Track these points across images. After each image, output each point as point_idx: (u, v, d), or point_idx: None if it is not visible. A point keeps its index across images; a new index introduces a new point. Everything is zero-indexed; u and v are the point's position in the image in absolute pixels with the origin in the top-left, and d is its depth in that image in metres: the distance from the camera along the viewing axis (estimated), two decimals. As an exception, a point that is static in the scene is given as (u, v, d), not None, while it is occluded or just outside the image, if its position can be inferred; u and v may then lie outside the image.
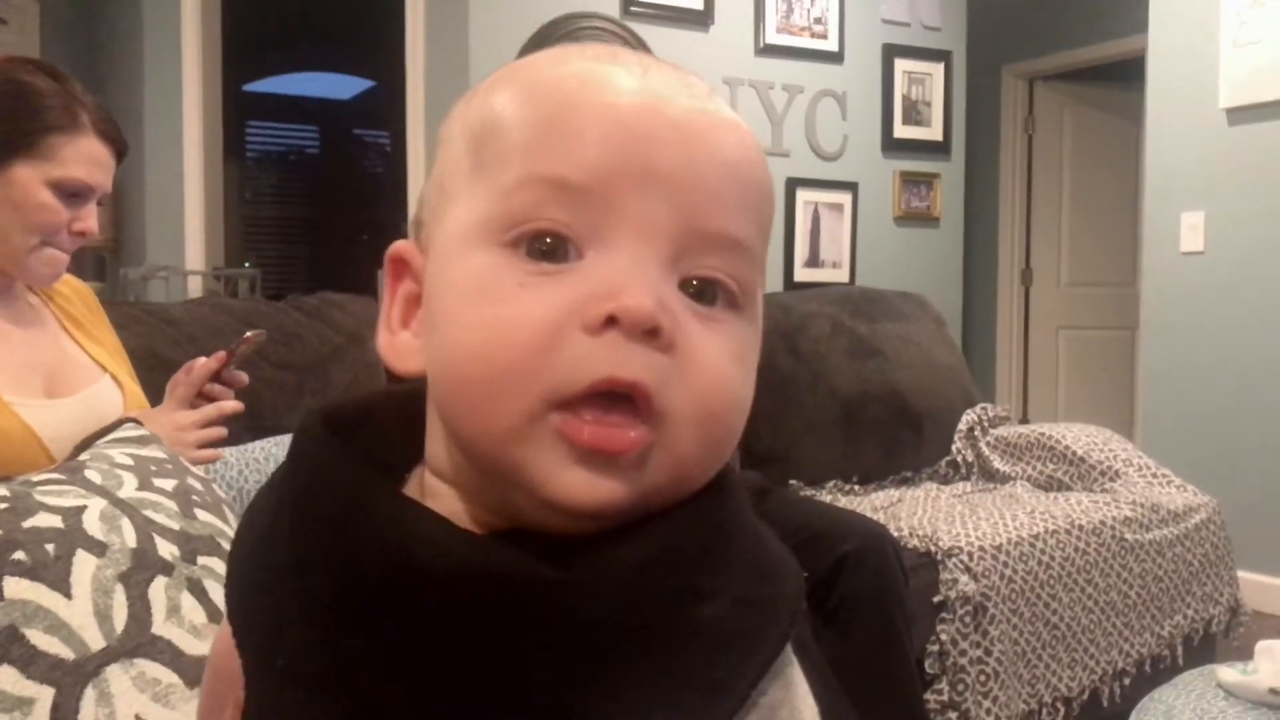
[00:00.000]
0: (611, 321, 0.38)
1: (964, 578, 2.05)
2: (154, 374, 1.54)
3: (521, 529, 0.41)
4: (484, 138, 0.42)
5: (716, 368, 0.40)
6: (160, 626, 0.88)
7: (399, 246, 0.46)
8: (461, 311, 0.40)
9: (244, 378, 1.48)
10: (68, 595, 0.85)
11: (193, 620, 0.91)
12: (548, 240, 0.40)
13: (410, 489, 0.45)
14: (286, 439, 1.99)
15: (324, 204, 6.69)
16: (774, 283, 3.68)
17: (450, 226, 0.42)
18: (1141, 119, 3.56)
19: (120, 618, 0.86)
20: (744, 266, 0.42)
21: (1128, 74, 4.41)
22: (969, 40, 4.19)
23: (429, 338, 0.43)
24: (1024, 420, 4.64)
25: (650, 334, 0.38)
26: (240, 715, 0.45)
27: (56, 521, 0.90)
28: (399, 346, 0.45)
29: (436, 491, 0.44)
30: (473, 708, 0.39)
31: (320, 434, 0.44)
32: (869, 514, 2.20)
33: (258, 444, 1.95)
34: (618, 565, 0.39)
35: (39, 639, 0.81)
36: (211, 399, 1.44)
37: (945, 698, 2.00)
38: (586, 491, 0.39)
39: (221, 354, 1.44)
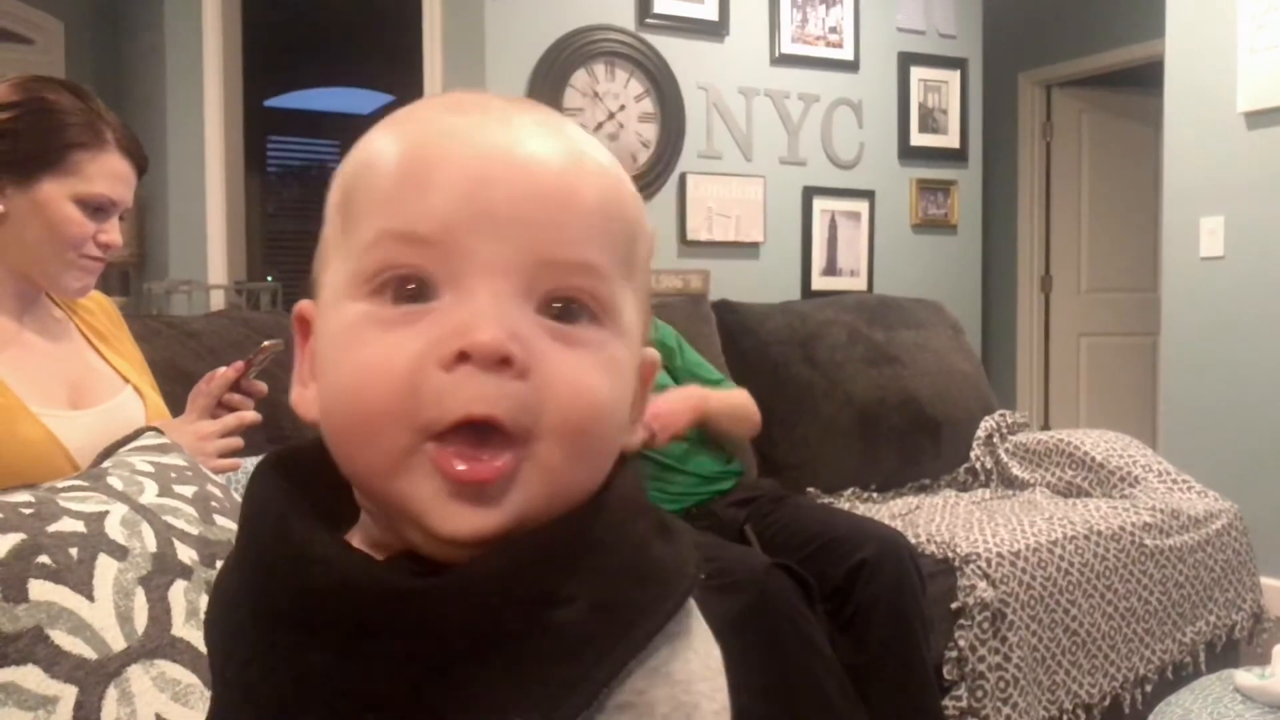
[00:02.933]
0: (464, 357, 0.41)
1: (982, 584, 2.04)
2: (175, 386, 1.57)
3: (416, 552, 0.44)
4: (349, 197, 0.46)
5: (575, 384, 0.43)
6: (180, 629, 0.90)
7: (300, 306, 0.49)
8: (336, 360, 0.44)
9: (263, 387, 1.50)
10: (90, 597, 0.87)
11: (212, 623, 0.92)
12: (410, 285, 0.43)
13: (360, 525, 0.48)
14: (305, 448, 2.02)
15: (344, 218, 6.73)
16: (791, 291, 3.68)
17: (329, 282, 0.46)
18: (1160, 124, 3.54)
19: (141, 620, 0.88)
20: (599, 285, 0.44)
21: (1145, 79, 4.40)
22: (985, 47, 4.19)
23: (318, 387, 0.46)
24: (1045, 427, 4.61)
25: (502, 364, 0.41)
26: None
27: (79, 526, 0.92)
28: (307, 398, 0.48)
29: (365, 524, 0.48)
30: (348, 714, 0.42)
31: (266, 474, 0.48)
32: (886, 521, 2.20)
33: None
34: (478, 573, 0.42)
35: (63, 639, 0.83)
36: (232, 409, 1.46)
37: (964, 704, 1.99)
38: (466, 521, 0.42)
39: (239, 364, 1.47)
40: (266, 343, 1.48)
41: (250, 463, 1.79)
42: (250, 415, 1.47)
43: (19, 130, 1.26)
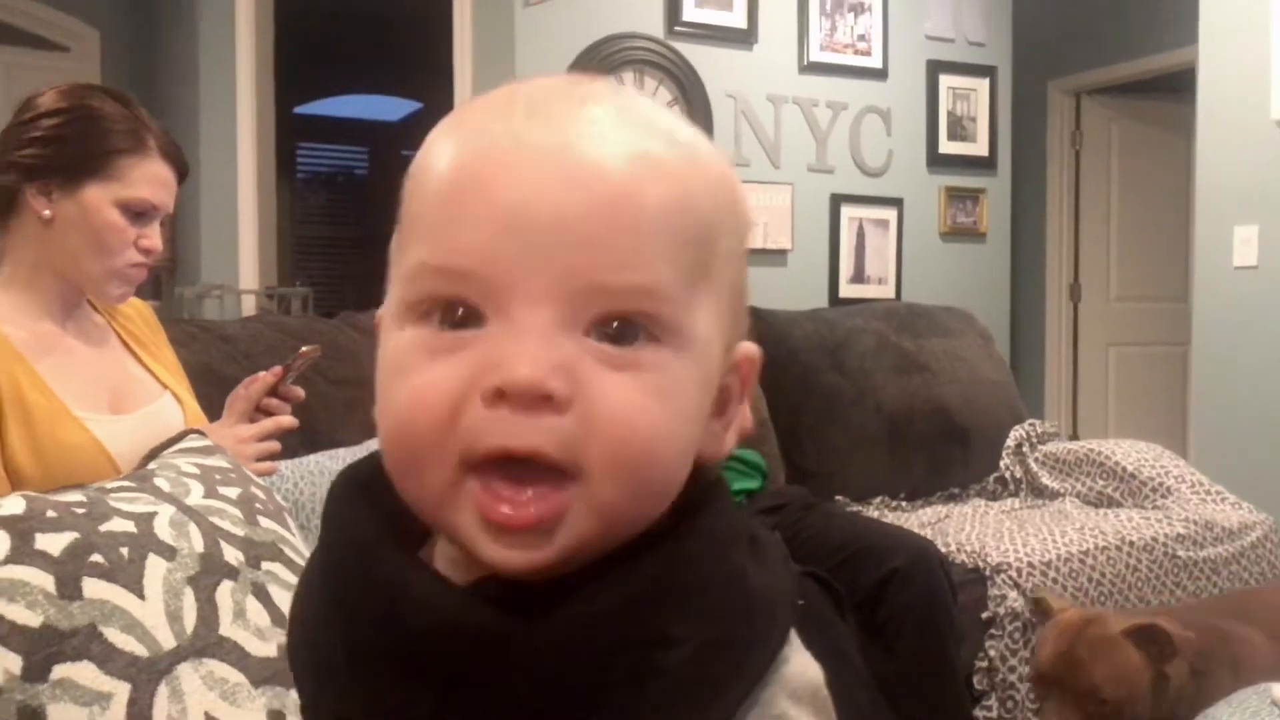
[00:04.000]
0: (501, 394, 0.39)
1: (1013, 594, 2.03)
2: (211, 390, 1.58)
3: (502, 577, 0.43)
4: (404, 211, 0.45)
5: (627, 416, 0.40)
6: (227, 628, 0.91)
7: (377, 316, 0.47)
8: (388, 386, 0.43)
9: (300, 393, 1.52)
10: (141, 596, 0.88)
11: (257, 623, 0.94)
12: (458, 310, 0.41)
13: (440, 542, 0.47)
14: (341, 453, 2.03)
15: (372, 224, 6.80)
16: (819, 299, 3.68)
17: (388, 298, 0.45)
18: (1192, 132, 3.52)
19: (190, 619, 0.89)
20: (659, 306, 0.41)
21: (1177, 87, 4.37)
22: (1015, 55, 4.17)
23: (376, 411, 0.44)
24: (1074, 437, 4.58)
25: (543, 400, 0.39)
26: None
27: (130, 526, 0.94)
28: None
29: (444, 544, 0.46)
30: None
31: (343, 495, 0.47)
32: (916, 530, 2.19)
33: (312, 458, 1.99)
34: (582, 616, 0.41)
35: (116, 637, 0.84)
36: (269, 414, 1.48)
37: (994, 715, 1.99)
38: (510, 559, 0.41)
39: (278, 369, 1.48)
40: (304, 348, 1.50)
41: (287, 466, 1.81)
42: (287, 420, 1.49)
43: (66, 136, 1.29)
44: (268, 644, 0.93)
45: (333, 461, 1.99)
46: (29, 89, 1.38)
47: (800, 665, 0.45)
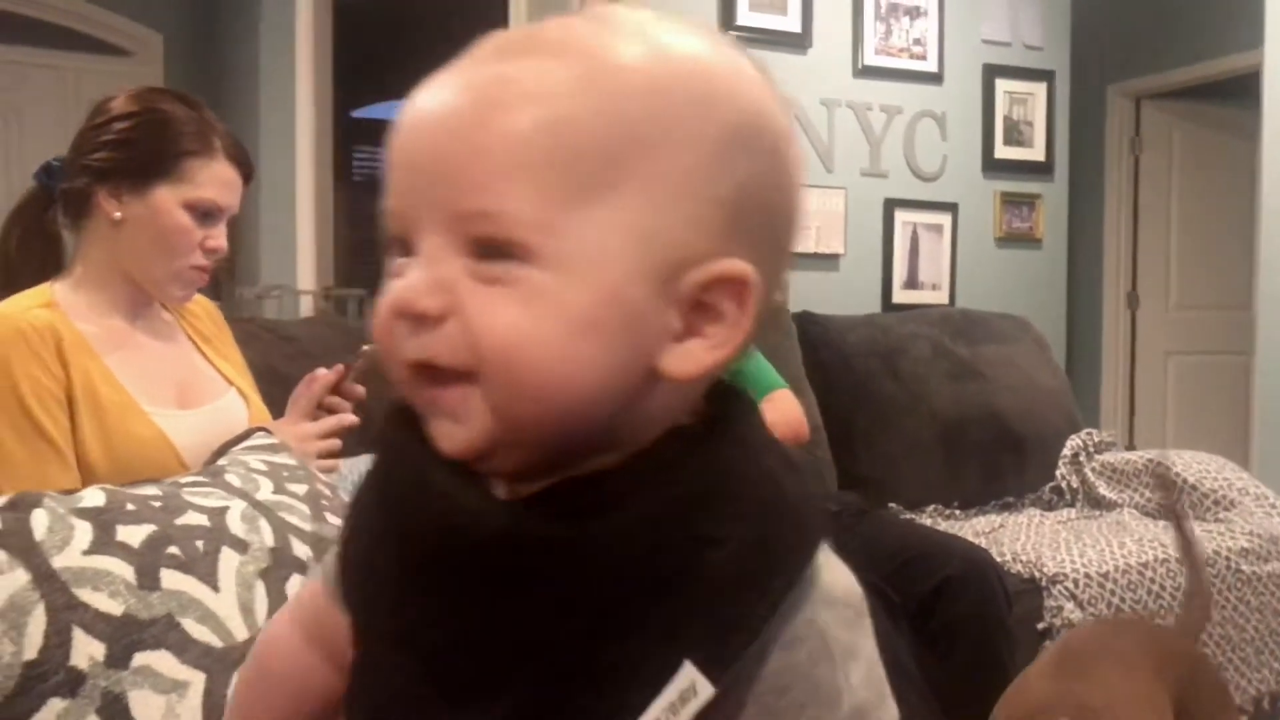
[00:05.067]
0: (396, 314, 0.45)
1: (1069, 605, 2.01)
2: (272, 388, 1.61)
3: (560, 484, 0.46)
4: None
5: (488, 323, 0.44)
6: (297, 621, 0.93)
7: None
8: None
9: (361, 391, 1.54)
10: (215, 588, 0.91)
11: (326, 617, 0.96)
12: (400, 243, 0.47)
13: None
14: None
15: (424, 227, 6.85)
16: (871, 304, 3.65)
17: None
18: (1257, 137, 3.45)
19: (261, 611, 0.92)
20: (508, 228, 0.44)
21: (1242, 91, 4.28)
22: (1073, 58, 4.12)
23: None
24: (1130, 447, 4.50)
25: (420, 317, 0.44)
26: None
27: (204, 520, 0.96)
28: None
29: None
30: (515, 657, 0.45)
31: (397, 420, 0.50)
32: (970, 539, 2.17)
33: (368, 457, 2.02)
34: (629, 520, 0.44)
35: (193, 628, 0.87)
36: (331, 411, 1.51)
37: (1050, 727, 1.96)
38: (439, 439, 0.46)
39: (340, 367, 1.51)
40: (366, 347, 1.52)
41: (344, 465, 1.84)
42: (349, 418, 1.51)
43: (136, 139, 1.32)
44: (335, 638, 0.95)
45: (390, 460, 2.01)
46: (96, 93, 1.43)
47: (832, 571, 0.48)
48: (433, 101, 0.46)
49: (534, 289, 0.43)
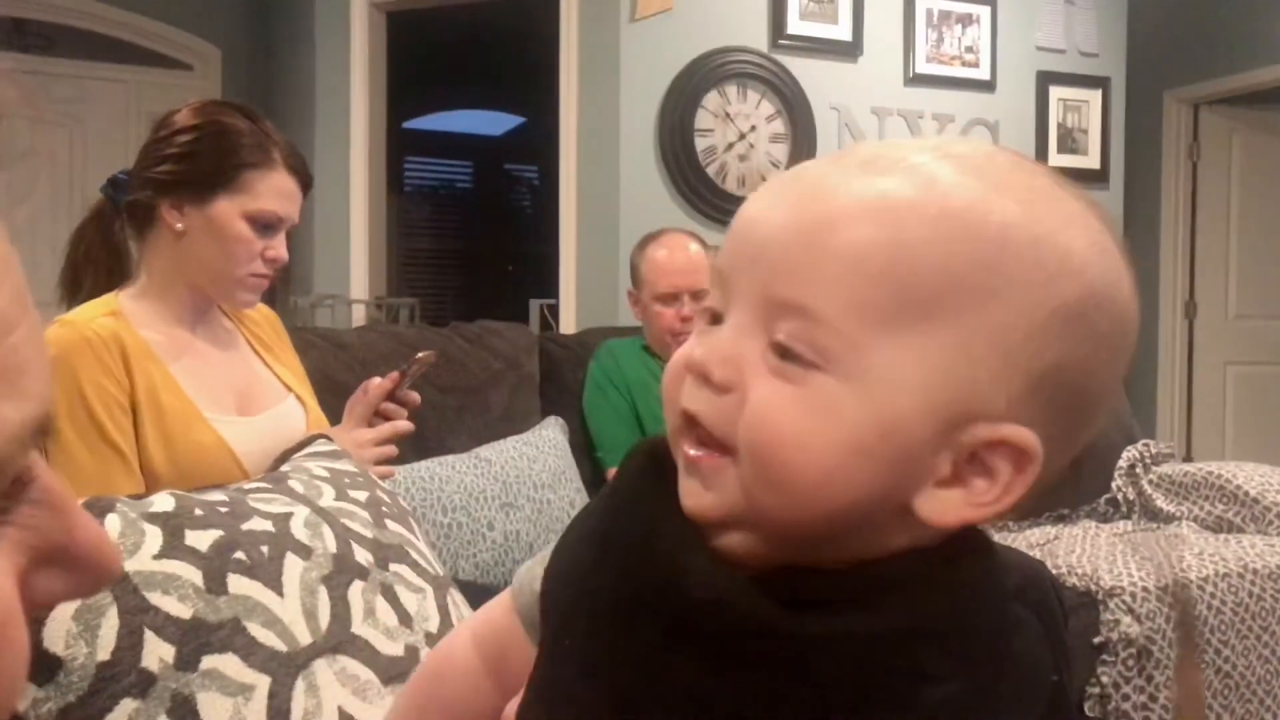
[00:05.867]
0: (689, 369, 0.48)
1: (1127, 619, 1.97)
2: (327, 396, 1.63)
3: (784, 570, 0.46)
4: None
5: (765, 412, 0.45)
6: (359, 627, 0.95)
7: None
8: None
9: (416, 398, 1.56)
10: (280, 593, 0.92)
11: (386, 623, 0.97)
12: (717, 301, 0.49)
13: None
14: (450, 459, 2.07)
15: (475, 236, 6.92)
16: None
17: None
18: (1320, 144, 3.37)
19: (324, 616, 0.93)
20: (815, 329, 0.44)
21: (1303, 97, 4.19)
22: (1129, 64, 4.06)
23: None
24: (1188, 459, 4.41)
25: (706, 379, 0.46)
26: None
27: (268, 526, 0.98)
28: None
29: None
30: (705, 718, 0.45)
31: (638, 464, 0.52)
32: (1024, 551, 2.14)
33: (423, 464, 2.04)
34: (851, 631, 0.44)
35: (258, 632, 0.88)
36: (387, 418, 1.53)
37: (1107, 744, 1.93)
38: (691, 496, 0.47)
39: (395, 374, 1.53)
40: (420, 354, 1.54)
41: (400, 472, 1.86)
42: (404, 425, 1.53)
43: (199, 152, 1.35)
44: (395, 643, 0.96)
45: (442, 468, 2.03)
46: (157, 105, 1.46)
47: None
48: (789, 190, 0.47)
49: (820, 395, 0.44)
